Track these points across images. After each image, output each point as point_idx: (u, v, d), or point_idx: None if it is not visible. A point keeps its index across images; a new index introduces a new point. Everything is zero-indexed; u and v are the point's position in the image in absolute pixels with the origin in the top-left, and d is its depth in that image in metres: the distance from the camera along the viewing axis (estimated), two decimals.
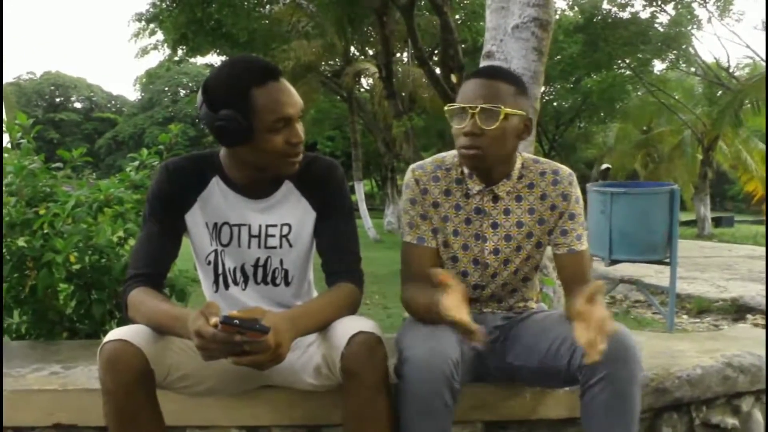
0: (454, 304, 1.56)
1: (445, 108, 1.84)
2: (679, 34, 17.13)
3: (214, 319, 1.38)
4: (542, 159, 1.95)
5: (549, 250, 1.96)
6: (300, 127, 1.69)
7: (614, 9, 18.12)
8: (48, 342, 2.60)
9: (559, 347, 1.70)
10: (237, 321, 1.36)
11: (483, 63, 3.47)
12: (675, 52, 17.95)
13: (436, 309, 1.58)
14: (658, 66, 20.12)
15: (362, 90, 20.79)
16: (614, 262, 5.32)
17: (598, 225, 5.20)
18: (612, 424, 1.61)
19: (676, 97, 19.89)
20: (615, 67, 19.40)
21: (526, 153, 1.96)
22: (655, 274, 7.50)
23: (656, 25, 17.64)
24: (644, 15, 17.80)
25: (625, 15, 18.08)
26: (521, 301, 2.01)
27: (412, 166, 1.95)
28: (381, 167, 20.84)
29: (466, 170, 1.88)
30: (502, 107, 1.73)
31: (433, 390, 1.57)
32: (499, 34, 3.41)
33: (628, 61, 18.62)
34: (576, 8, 19.05)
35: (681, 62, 18.89)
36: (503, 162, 1.84)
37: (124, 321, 2.77)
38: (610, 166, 9.32)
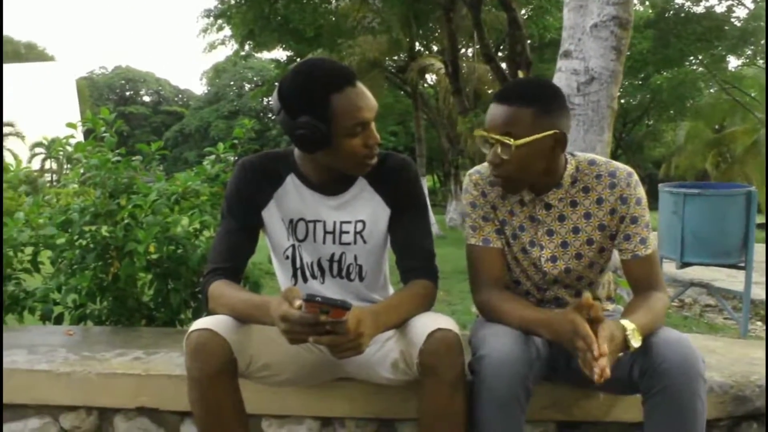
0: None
1: (475, 133, 1.82)
2: (757, 28, 16.53)
3: (298, 302, 1.42)
4: (600, 160, 1.87)
5: None
6: (374, 128, 1.72)
7: (687, 3, 17.63)
8: (129, 328, 2.70)
9: (620, 356, 1.66)
10: (319, 298, 1.41)
11: (560, 62, 3.44)
12: (752, 47, 17.33)
13: (566, 331, 1.55)
14: (734, 62, 19.48)
15: (426, 85, 20.77)
16: (686, 264, 5.18)
17: (669, 226, 5.07)
18: None
19: (752, 95, 19.19)
20: (686, 63, 18.84)
21: (583, 154, 1.90)
22: (726, 278, 7.28)
23: (732, 20, 17.08)
24: (720, 9, 17.31)
25: (699, 9, 17.58)
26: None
27: (469, 172, 1.94)
28: (443, 163, 20.77)
29: None
30: (512, 141, 1.69)
31: (508, 388, 1.57)
32: (577, 33, 3.38)
33: (700, 57, 18.07)
34: (647, 3, 18.58)
35: (758, 58, 18.24)
36: (543, 177, 1.80)
37: (199, 310, 2.88)
38: None
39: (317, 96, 1.63)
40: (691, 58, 18.48)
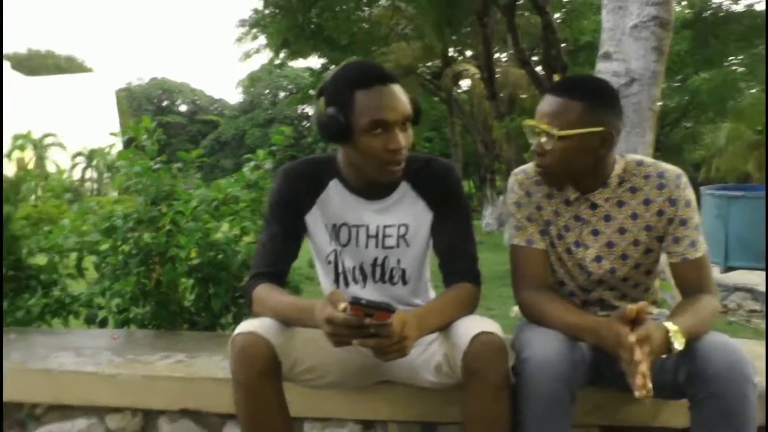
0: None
1: (524, 123, 1.82)
2: None
3: (342, 305, 1.43)
4: (648, 161, 1.85)
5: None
6: (404, 135, 1.68)
7: (726, 2, 17.28)
8: (171, 332, 2.74)
9: (665, 360, 1.61)
10: (364, 301, 1.41)
11: (600, 64, 3.41)
12: None
13: (610, 340, 1.54)
14: None
15: (460, 91, 20.72)
16: (730, 268, 5.08)
17: (713, 230, 4.98)
18: None
19: None
20: (726, 63, 18.45)
21: (632, 155, 1.88)
22: None
23: None
24: (760, 7, 16.87)
25: (739, 8, 17.21)
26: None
27: (515, 171, 1.94)
28: (479, 168, 20.67)
29: None
30: (556, 131, 1.69)
31: (552, 391, 1.55)
32: (617, 34, 3.35)
33: (741, 57, 17.68)
34: (684, 2, 18.27)
35: None
36: (588, 175, 1.79)
37: (240, 315, 2.91)
38: None
39: (343, 89, 1.66)
40: (731, 58, 18.10)
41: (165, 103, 57.94)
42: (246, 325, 1.61)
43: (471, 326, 1.58)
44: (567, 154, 1.71)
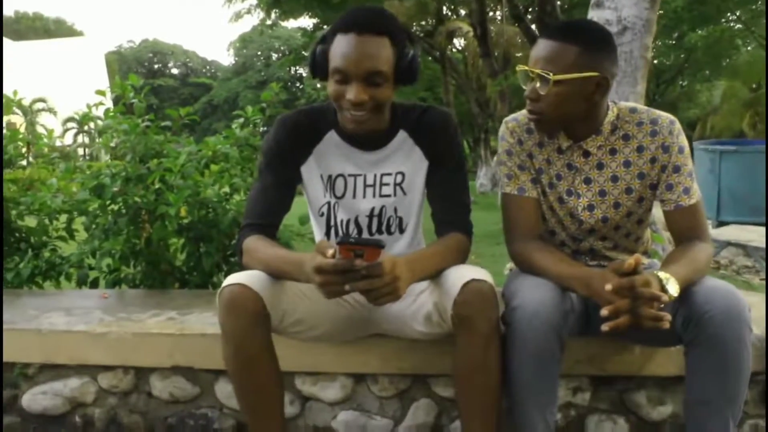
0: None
1: (517, 68, 1.79)
2: None
3: (330, 251, 1.40)
4: (641, 108, 1.83)
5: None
6: (366, 89, 1.61)
7: None
8: (162, 291, 2.73)
9: (662, 308, 1.60)
10: (353, 239, 1.41)
11: (591, 12, 3.35)
12: None
13: (599, 293, 1.56)
14: None
15: (454, 50, 20.49)
16: (722, 223, 5.09)
17: (705, 185, 4.97)
18: (718, 387, 1.56)
19: None
20: (724, 20, 18.23)
21: (624, 102, 1.86)
22: (764, 239, 7.11)
23: None
24: None
25: None
26: (626, 255, 1.95)
27: (505, 119, 1.91)
28: (473, 128, 20.56)
29: None
30: (551, 74, 1.65)
31: (542, 338, 1.55)
32: None
33: (738, 13, 17.46)
34: None
35: None
36: (582, 122, 1.76)
37: (231, 273, 2.90)
38: None
39: (332, 30, 1.66)
40: (729, 14, 17.87)
41: (157, 65, 57.23)
42: (234, 278, 1.59)
43: (461, 274, 1.57)
44: (561, 99, 1.68)
